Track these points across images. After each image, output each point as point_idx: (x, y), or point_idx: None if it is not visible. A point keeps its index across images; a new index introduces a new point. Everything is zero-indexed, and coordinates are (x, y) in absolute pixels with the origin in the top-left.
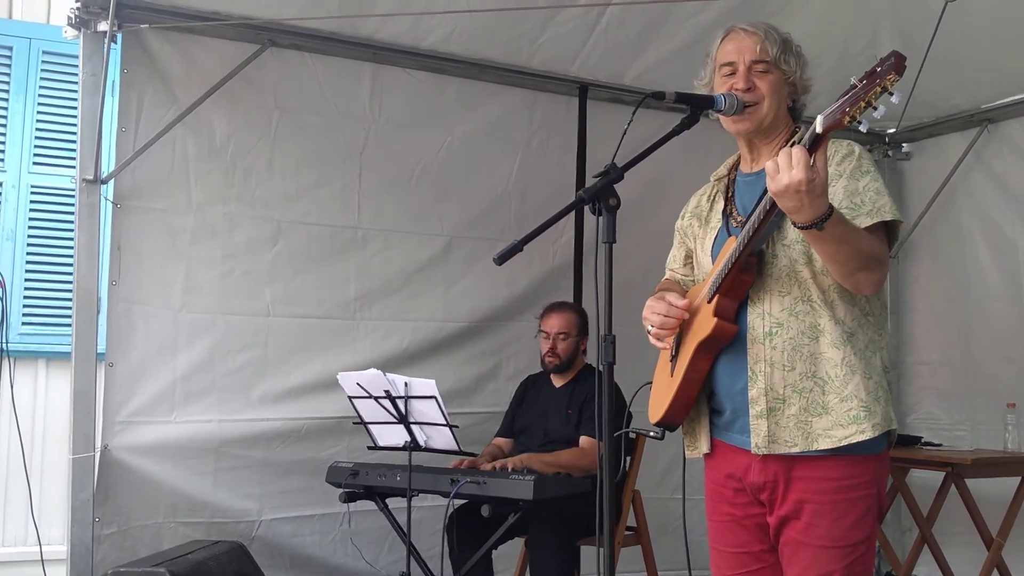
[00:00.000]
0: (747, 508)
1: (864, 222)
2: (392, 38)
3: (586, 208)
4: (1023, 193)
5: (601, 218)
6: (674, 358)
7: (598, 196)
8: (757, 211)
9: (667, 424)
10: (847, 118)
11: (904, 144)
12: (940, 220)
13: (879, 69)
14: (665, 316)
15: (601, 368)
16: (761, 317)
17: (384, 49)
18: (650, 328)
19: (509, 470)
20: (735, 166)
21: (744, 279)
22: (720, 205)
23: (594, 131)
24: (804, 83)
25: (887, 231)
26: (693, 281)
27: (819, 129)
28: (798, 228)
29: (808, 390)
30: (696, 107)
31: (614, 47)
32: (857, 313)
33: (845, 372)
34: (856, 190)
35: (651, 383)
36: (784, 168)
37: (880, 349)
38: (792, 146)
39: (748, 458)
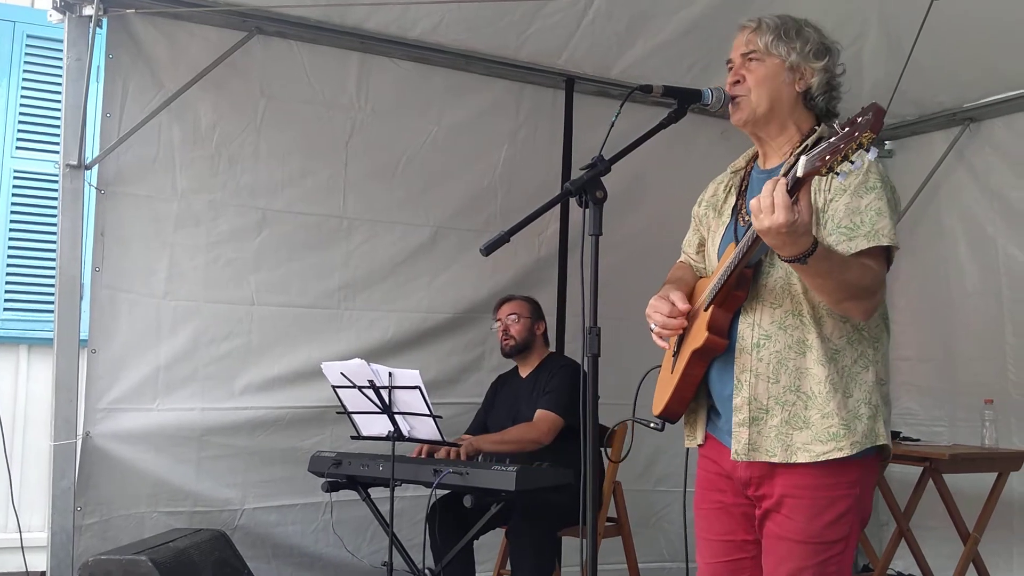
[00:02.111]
0: (736, 497)
1: (860, 244)
2: (379, 27)
3: (571, 200)
4: (1004, 192)
5: (587, 210)
6: (676, 354)
7: (585, 188)
8: (744, 239)
9: (667, 417)
10: (825, 168)
11: (887, 141)
12: (921, 218)
13: (860, 121)
14: (667, 317)
15: (585, 360)
16: (751, 327)
17: (371, 38)
18: (653, 327)
19: (462, 457)
20: (754, 157)
21: (737, 295)
22: (733, 199)
23: (580, 124)
24: (813, 68)
25: (885, 253)
26: (705, 269)
27: (800, 173)
28: (783, 260)
29: (791, 403)
30: (684, 101)
31: (601, 40)
32: (848, 329)
33: (828, 389)
34: (858, 208)
35: (659, 367)
36: (766, 210)
37: (874, 363)
38: (777, 183)
39: None
